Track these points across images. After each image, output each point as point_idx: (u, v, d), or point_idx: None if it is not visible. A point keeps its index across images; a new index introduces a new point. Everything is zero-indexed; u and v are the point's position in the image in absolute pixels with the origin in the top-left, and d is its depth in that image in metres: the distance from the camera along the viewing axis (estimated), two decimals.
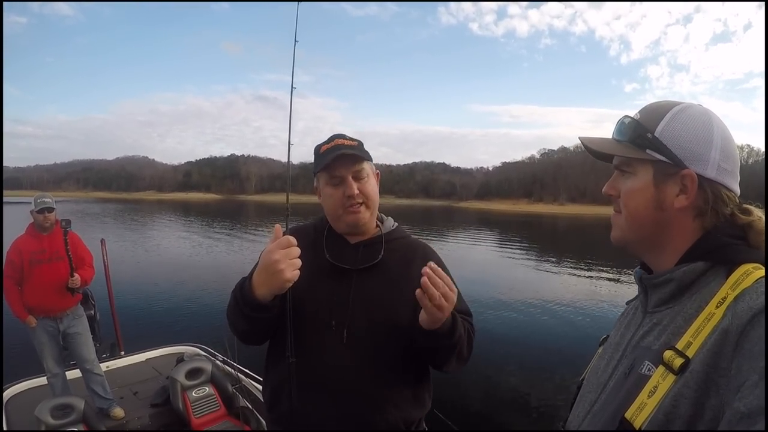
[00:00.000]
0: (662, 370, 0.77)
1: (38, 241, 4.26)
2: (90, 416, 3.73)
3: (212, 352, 5.23)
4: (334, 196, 1.55)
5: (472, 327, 1.61)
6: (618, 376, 0.88)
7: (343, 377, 1.46)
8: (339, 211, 1.56)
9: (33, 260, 4.20)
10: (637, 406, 0.77)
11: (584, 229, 49.23)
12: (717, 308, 0.76)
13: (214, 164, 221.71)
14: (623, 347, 0.93)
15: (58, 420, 3.60)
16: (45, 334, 4.26)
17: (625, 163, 0.94)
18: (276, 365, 1.55)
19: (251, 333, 1.52)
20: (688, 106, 0.90)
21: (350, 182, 1.54)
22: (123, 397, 4.56)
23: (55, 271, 4.24)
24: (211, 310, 10.45)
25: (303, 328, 1.50)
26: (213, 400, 4.10)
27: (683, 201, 0.87)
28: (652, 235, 0.92)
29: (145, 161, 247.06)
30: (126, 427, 4.06)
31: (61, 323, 4.31)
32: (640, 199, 0.91)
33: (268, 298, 1.36)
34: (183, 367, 4.21)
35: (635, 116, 0.94)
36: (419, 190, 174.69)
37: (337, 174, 1.55)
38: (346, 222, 1.58)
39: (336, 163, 1.53)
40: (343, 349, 1.48)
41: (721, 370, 0.70)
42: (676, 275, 0.86)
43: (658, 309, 0.89)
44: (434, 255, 1.67)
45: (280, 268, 1.31)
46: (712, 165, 0.86)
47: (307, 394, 1.48)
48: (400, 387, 1.54)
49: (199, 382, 4.15)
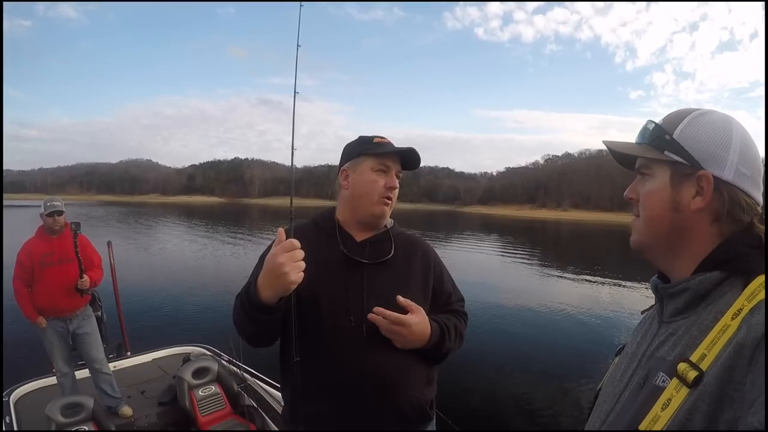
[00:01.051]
0: (676, 382, 0.76)
1: (48, 244, 4.33)
2: (99, 414, 3.78)
3: (218, 352, 5.29)
4: (377, 182, 1.62)
5: (464, 317, 1.74)
6: (633, 386, 0.88)
7: (369, 372, 1.52)
8: (375, 197, 1.62)
9: (43, 262, 4.26)
10: (651, 418, 0.77)
11: (587, 235, 49.16)
12: (732, 320, 0.75)
13: (218, 167, 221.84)
14: (639, 357, 0.92)
15: (68, 418, 3.64)
16: (55, 335, 4.33)
17: (645, 165, 0.95)
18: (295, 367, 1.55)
19: (258, 335, 1.55)
20: (708, 111, 0.91)
21: (394, 176, 1.64)
22: (131, 396, 4.63)
23: (65, 272, 4.30)
24: (217, 311, 10.52)
25: (320, 325, 1.54)
26: (219, 399, 4.17)
27: (699, 203, 0.86)
28: (668, 239, 0.91)
29: (149, 164, 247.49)
30: (134, 425, 4.12)
31: (70, 324, 4.38)
32: (657, 200, 0.91)
33: (273, 300, 1.41)
34: (189, 366, 4.27)
35: (659, 121, 0.95)
36: (423, 194, 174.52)
37: (387, 164, 1.62)
38: (374, 212, 1.64)
39: (389, 156, 1.62)
40: (365, 344, 1.52)
41: (736, 384, 0.69)
42: (691, 284, 0.84)
43: (673, 319, 0.88)
44: (431, 249, 1.78)
45: (285, 271, 1.35)
46: (730, 167, 0.85)
47: (334, 390, 1.52)
48: (418, 369, 1.61)
49: (205, 381, 4.21)
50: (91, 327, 4.55)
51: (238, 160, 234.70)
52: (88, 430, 3.66)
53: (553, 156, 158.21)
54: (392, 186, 1.62)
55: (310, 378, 1.51)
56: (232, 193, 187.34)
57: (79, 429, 3.63)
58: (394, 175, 1.64)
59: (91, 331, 4.52)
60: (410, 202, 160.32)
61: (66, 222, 4.44)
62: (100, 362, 4.52)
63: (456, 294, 1.78)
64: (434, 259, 1.76)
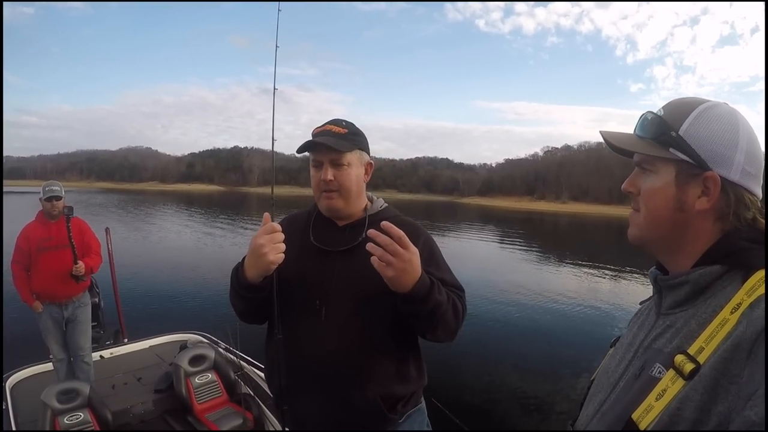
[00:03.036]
0: (672, 374, 0.76)
1: (46, 229, 4.33)
2: (95, 401, 3.78)
3: (215, 339, 5.30)
4: (314, 178, 1.64)
5: (461, 300, 1.64)
6: (628, 377, 0.88)
7: (323, 355, 1.55)
8: (317, 193, 1.66)
9: (40, 247, 4.26)
10: (644, 408, 0.77)
11: (586, 227, 49.25)
12: (732, 314, 0.75)
13: (217, 156, 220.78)
14: (635, 348, 0.92)
15: (64, 404, 3.65)
16: (50, 320, 4.34)
17: (647, 160, 0.91)
18: (269, 343, 1.66)
19: (248, 312, 1.66)
20: (714, 104, 0.88)
21: (326, 168, 1.60)
22: (127, 383, 4.63)
23: (62, 258, 4.29)
24: (214, 299, 10.56)
25: (291, 309, 1.60)
26: (215, 387, 4.18)
27: (705, 203, 0.84)
28: (670, 236, 0.89)
29: (149, 152, 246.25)
30: (130, 412, 4.12)
31: (65, 310, 4.39)
32: (660, 198, 0.89)
33: (257, 279, 1.51)
34: (186, 353, 4.28)
35: (659, 112, 0.92)
36: (422, 185, 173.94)
37: (317, 158, 1.62)
38: (321, 206, 1.68)
39: (318, 148, 1.60)
40: (323, 328, 1.56)
41: (732, 377, 0.69)
42: (691, 277, 0.84)
43: (672, 311, 0.87)
44: (423, 233, 1.70)
45: (264, 252, 1.45)
46: (736, 168, 0.83)
47: (294, 372, 1.58)
48: (382, 363, 1.59)
49: (202, 369, 4.22)
50: (85, 315, 4.56)
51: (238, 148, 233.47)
52: (83, 417, 3.67)
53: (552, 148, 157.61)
54: (324, 179, 1.59)
55: (279, 355, 1.59)
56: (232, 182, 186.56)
57: (74, 415, 3.64)
58: (327, 165, 1.60)
59: (83, 319, 4.53)
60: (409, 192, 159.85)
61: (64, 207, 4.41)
62: (85, 351, 4.53)
63: (453, 282, 1.67)
64: (423, 243, 1.62)
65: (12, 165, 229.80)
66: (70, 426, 3.59)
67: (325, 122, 1.68)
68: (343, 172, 1.61)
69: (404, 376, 1.65)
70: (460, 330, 1.61)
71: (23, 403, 4.14)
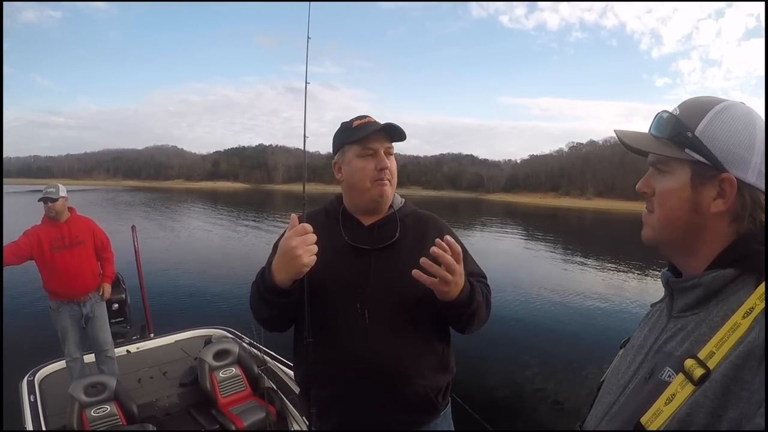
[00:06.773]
0: (682, 378, 0.75)
1: (58, 228, 4.39)
2: (122, 394, 3.86)
3: (239, 334, 5.35)
4: (366, 168, 1.58)
5: (488, 288, 1.66)
6: (638, 379, 0.87)
7: (371, 357, 1.52)
8: (367, 183, 1.59)
9: (54, 246, 4.32)
10: (653, 412, 0.76)
11: (611, 224, 48.45)
12: (743, 318, 0.73)
13: (242, 154, 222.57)
14: (645, 350, 0.90)
15: (91, 397, 3.74)
16: (68, 319, 4.41)
17: (662, 161, 0.89)
18: (302, 347, 1.59)
19: (274, 319, 1.59)
20: (731, 104, 0.85)
21: (383, 156, 1.59)
22: (153, 377, 4.71)
23: (77, 256, 4.40)
24: (239, 295, 10.63)
25: (326, 311, 1.56)
26: (239, 381, 4.22)
27: (720, 206, 0.82)
28: (684, 238, 0.88)
29: (174, 150, 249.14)
30: (155, 405, 4.20)
31: (84, 307, 4.47)
32: (675, 200, 0.87)
33: (287, 283, 1.44)
34: (211, 348, 4.33)
35: (674, 111, 0.89)
36: (446, 181, 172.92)
37: (371, 147, 1.58)
38: (372, 195, 1.60)
39: (371, 137, 1.58)
40: (366, 329, 1.53)
41: (744, 383, 0.68)
42: (704, 281, 0.82)
43: (683, 314, 0.86)
44: (445, 226, 1.72)
45: (297, 254, 1.38)
46: (753, 169, 0.81)
47: (338, 375, 1.55)
48: (425, 357, 1.59)
49: (226, 363, 4.26)
50: (101, 311, 4.65)
51: (263, 146, 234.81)
52: (110, 409, 3.74)
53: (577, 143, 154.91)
54: (383, 166, 1.58)
55: (320, 360, 1.54)
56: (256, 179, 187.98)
57: (101, 408, 3.71)
58: (383, 153, 1.60)
59: (101, 315, 4.63)
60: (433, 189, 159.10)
61: (67, 207, 4.47)
62: (108, 345, 4.64)
63: (478, 272, 1.71)
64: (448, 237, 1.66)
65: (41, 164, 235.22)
66: (96, 418, 3.67)
67: (357, 117, 1.65)
68: (392, 162, 1.62)
69: (445, 366, 1.66)
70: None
71: (51, 396, 4.25)
